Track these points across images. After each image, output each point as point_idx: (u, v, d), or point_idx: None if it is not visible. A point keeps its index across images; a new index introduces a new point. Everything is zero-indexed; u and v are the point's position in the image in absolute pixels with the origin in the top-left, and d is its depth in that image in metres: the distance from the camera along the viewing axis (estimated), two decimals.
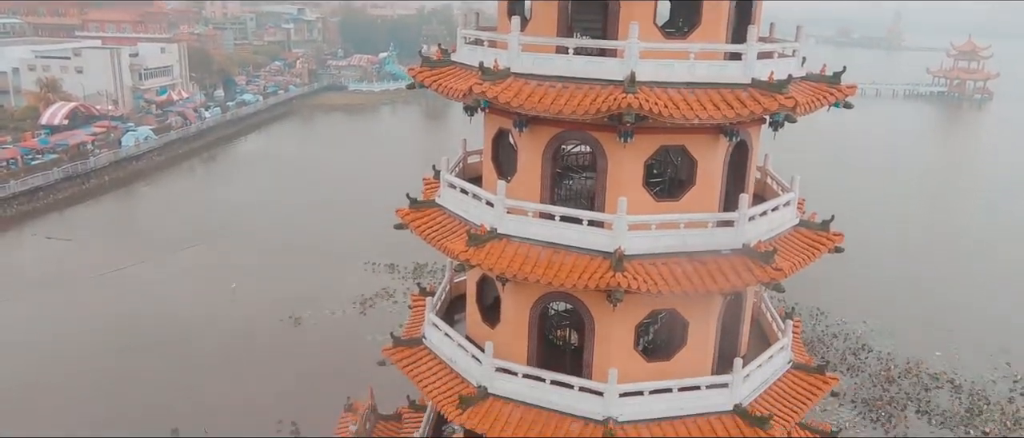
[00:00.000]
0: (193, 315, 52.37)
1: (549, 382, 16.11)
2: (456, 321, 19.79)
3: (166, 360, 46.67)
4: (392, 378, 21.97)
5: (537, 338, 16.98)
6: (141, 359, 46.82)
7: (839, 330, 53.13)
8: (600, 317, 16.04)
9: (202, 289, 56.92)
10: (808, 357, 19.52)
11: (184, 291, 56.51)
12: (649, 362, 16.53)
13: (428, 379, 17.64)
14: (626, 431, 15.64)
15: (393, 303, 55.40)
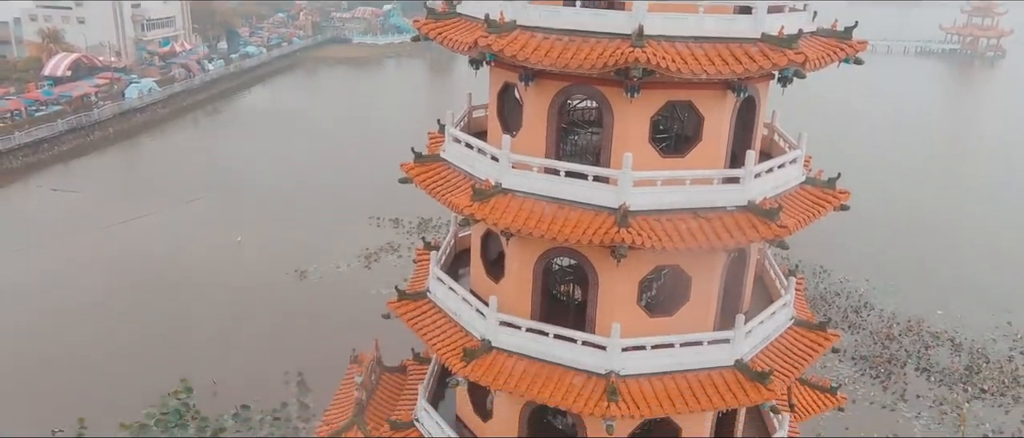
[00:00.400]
0: (199, 268, 52.78)
1: (552, 336, 16.24)
2: (460, 275, 19.91)
3: (173, 312, 47.22)
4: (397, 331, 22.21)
5: (541, 293, 17.08)
6: (149, 310, 47.37)
7: (842, 288, 53.36)
8: (604, 273, 16.09)
9: (208, 242, 57.24)
10: (810, 314, 19.64)
11: (190, 244, 56.84)
12: (652, 317, 16.64)
13: (432, 332, 17.81)
14: (628, 385, 15.82)
15: (398, 257, 55.70)
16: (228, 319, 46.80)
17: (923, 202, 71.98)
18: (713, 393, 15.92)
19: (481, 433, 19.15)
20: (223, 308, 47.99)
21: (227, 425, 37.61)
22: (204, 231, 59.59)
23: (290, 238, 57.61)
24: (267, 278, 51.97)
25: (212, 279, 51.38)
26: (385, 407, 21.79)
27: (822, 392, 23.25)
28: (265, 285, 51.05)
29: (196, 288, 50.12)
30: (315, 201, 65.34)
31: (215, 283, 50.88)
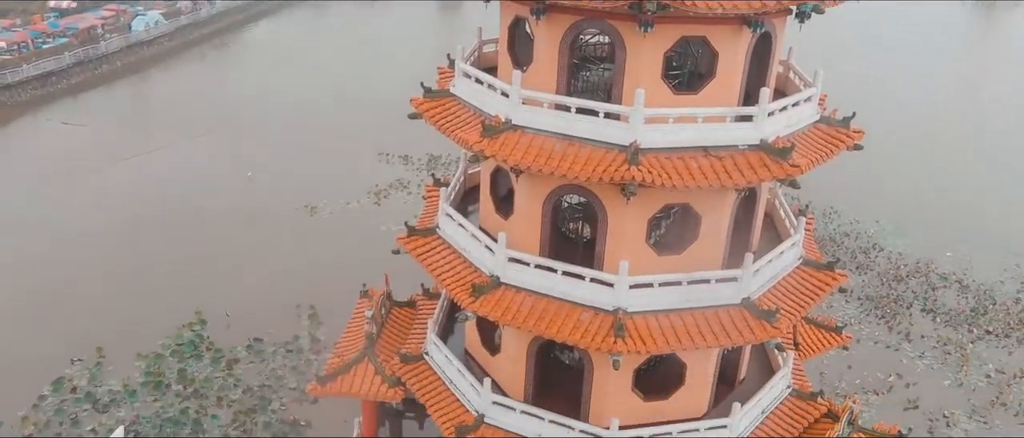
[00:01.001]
0: (210, 202, 53.10)
1: (561, 273, 16.35)
2: (470, 212, 19.96)
3: (185, 245, 47.74)
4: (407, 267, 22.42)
5: (550, 230, 17.12)
6: (161, 244, 47.92)
7: (851, 229, 53.31)
8: (613, 210, 16.08)
9: (218, 176, 57.44)
10: (818, 254, 19.65)
11: (200, 178, 57.05)
12: (660, 256, 16.69)
13: (442, 268, 17.95)
14: (635, 321, 15.99)
15: (407, 194, 55.83)
16: (240, 253, 47.33)
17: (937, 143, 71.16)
18: (719, 330, 16.08)
19: (489, 367, 19.50)
20: (234, 242, 48.48)
21: (241, 356, 38.46)
22: (214, 166, 59.72)
23: (299, 174, 57.70)
24: (277, 213, 52.30)
25: (223, 214, 51.75)
26: (395, 341, 22.16)
27: (827, 331, 23.49)
28: (276, 220, 51.42)
29: (207, 222, 50.54)
30: (324, 137, 65.18)
31: (226, 218, 51.26)
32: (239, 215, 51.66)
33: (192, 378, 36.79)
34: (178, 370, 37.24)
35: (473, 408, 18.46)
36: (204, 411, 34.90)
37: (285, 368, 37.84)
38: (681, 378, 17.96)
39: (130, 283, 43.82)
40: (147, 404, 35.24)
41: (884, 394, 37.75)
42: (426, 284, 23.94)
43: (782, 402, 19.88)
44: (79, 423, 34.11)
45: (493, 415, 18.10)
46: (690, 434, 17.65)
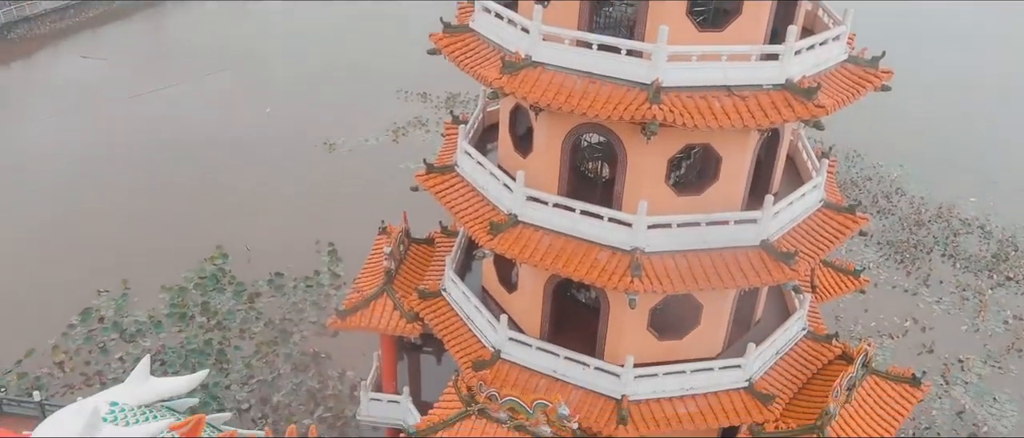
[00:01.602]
0: (230, 137, 53.24)
1: (579, 212, 16.34)
2: (488, 150, 19.89)
3: (207, 180, 48.14)
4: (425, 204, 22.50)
5: (568, 169, 17.04)
6: (183, 178, 48.35)
7: (874, 173, 52.59)
8: (632, 149, 15.95)
9: (237, 112, 57.39)
10: (840, 197, 19.45)
11: (219, 114, 57.04)
12: (680, 196, 16.60)
13: (460, 205, 18.00)
14: (652, 261, 16.02)
15: (426, 132, 55.62)
16: (259, 188, 47.68)
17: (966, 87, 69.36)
18: (737, 272, 16.08)
19: (506, 304, 19.72)
20: (255, 178, 48.79)
21: (262, 290, 39.13)
22: (233, 101, 59.61)
23: (318, 111, 57.52)
24: (296, 149, 52.39)
25: (243, 149, 51.93)
26: (413, 277, 22.42)
27: (845, 274, 23.43)
28: (295, 156, 51.56)
29: (228, 158, 50.79)
30: (342, 75, 64.65)
31: (246, 153, 51.46)
32: (258, 151, 51.83)
33: (215, 311, 37.57)
34: (202, 302, 38.02)
35: (490, 344, 18.76)
36: (227, 342, 35.73)
37: (305, 302, 38.50)
38: (697, 318, 18.08)
39: (152, 216, 44.42)
40: (172, 335, 36.13)
41: (899, 338, 37.82)
42: (444, 221, 24.06)
43: (797, 344, 20.01)
44: (107, 351, 35.11)
45: (509, 351, 18.39)
46: (704, 373, 17.84)
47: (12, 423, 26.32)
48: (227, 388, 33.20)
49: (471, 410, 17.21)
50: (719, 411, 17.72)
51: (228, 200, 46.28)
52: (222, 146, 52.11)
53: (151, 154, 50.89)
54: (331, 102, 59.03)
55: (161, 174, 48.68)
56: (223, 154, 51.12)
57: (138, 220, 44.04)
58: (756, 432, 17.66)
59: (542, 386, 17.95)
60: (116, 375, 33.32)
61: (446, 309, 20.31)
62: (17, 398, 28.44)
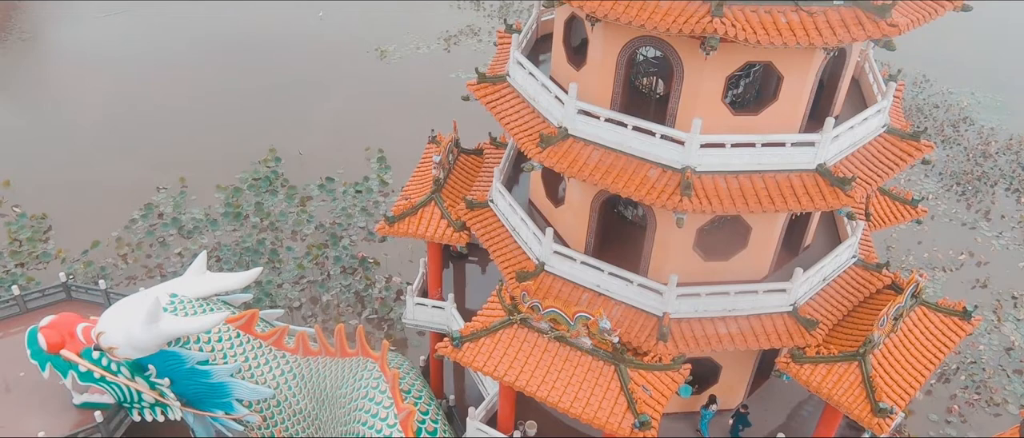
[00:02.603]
0: (283, 41, 53.29)
1: (631, 128, 16.06)
2: (541, 61, 19.54)
3: (260, 83, 48.58)
4: (475, 114, 22.41)
5: (622, 83, 16.66)
6: (237, 80, 48.86)
7: (942, 100, 50.29)
8: (691, 65, 15.47)
9: (291, 15, 57.22)
10: (905, 123, 18.69)
11: (273, 16, 56.94)
12: (736, 115, 16.15)
13: (510, 116, 17.85)
14: (703, 181, 15.77)
15: (478, 42, 54.82)
16: (311, 93, 47.99)
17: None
18: (789, 195, 15.76)
19: (552, 218, 19.78)
20: (308, 82, 49.04)
21: (313, 194, 39.94)
22: (286, 5, 59.39)
23: (370, 17, 56.98)
24: (348, 55, 52.29)
25: (297, 53, 52.04)
26: (461, 187, 22.56)
27: (902, 203, 22.80)
28: (347, 62, 51.52)
29: (282, 60, 51.02)
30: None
31: (299, 57, 51.59)
32: (311, 56, 51.89)
33: (268, 212, 38.58)
34: (255, 203, 39.05)
35: (534, 256, 18.93)
36: (280, 243, 36.82)
37: (354, 208, 39.22)
38: (744, 241, 17.90)
39: (208, 117, 45.26)
40: (227, 233, 37.34)
41: (953, 271, 36.95)
42: (494, 132, 23.98)
43: (845, 271, 19.73)
44: (167, 246, 36.55)
45: (553, 264, 18.56)
46: (748, 295, 17.78)
47: (80, 308, 27.82)
48: (279, 286, 34.41)
49: (513, 319, 17.55)
50: (761, 334, 17.74)
51: (281, 104, 46.78)
52: (276, 50, 52.26)
53: (206, 57, 51.36)
54: (383, 9, 58.34)
55: (216, 76, 49.25)
56: (277, 58, 51.34)
57: (194, 121, 44.94)
58: (797, 356, 17.68)
59: (584, 300, 18.16)
60: (175, 269, 34.79)
61: (493, 220, 20.48)
62: (85, 285, 29.96)
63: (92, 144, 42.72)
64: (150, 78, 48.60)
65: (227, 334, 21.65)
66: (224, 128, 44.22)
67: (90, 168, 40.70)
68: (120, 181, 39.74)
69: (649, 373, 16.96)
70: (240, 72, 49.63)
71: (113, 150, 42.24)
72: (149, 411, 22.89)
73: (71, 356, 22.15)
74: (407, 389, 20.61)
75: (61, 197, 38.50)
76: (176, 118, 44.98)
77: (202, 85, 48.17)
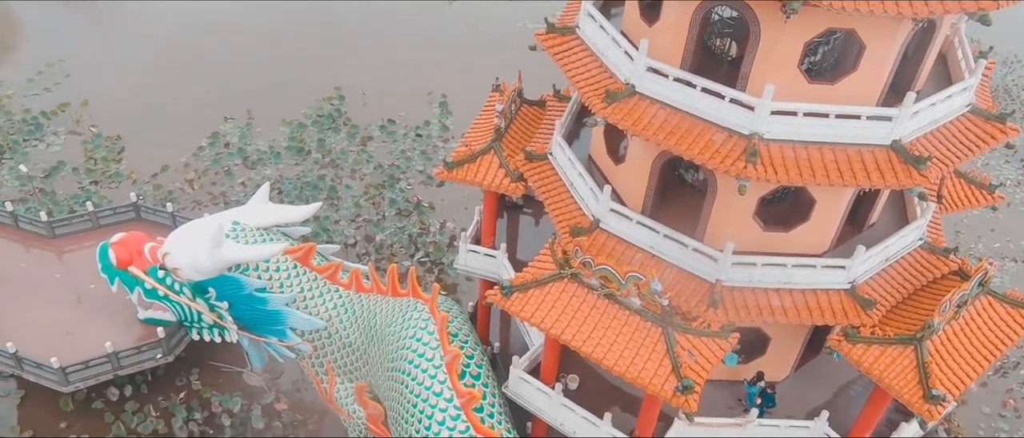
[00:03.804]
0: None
1: (700, 89, 15.66)
2: (613, 15, 19.10)
3: (326, 22, 48.92)
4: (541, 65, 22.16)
5: (695, 42, 16.18)
6: (305, 16, 49.28)
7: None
8: (768, 28, 14.91)
9: None
10: (991, 103, 17.76)
11: None
12: (811, 83, 15.56)
13: (577, 69, 17.59)
14: (770, 149, 15.35)
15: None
16: (377, 34, 48.16)
17: None
18: (859, 170, 15.23)
19: (611, 176, 19.58)
20: (374, 23, 49.20)
21: (374, 134, 40.40)
22: None
23: None
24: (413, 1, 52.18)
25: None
26: (521, 137, 22.47)
27: (978, 187, 21.86)
28: (416, 6, 51.40)
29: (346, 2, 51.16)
30: None
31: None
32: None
33: (329, 149, 39.23)
34: (318, 140, 39.73)
35: (590, 212, 18.84)
36: (339, 180, 37.50)
37: (414, 151, 39.56)
38: (807, 213, 17.44)
39: (277, 52, 45.92)
40: (289, 167, 38.18)
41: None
42: (558, 85, 23.71)
43: (910, 253, 19.11)
44: (232, 175, 37.59)
45: (608, 222, 18.44)
46: (805, 268, 17.41)
47: (148, 228, 29.01)
48: (336, 223, 35.16)
49: (564, 273, 17.57)
50: (815, 309, 17.40)
51: (349, 43, 47.11)
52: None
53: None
54: None
55: (288, 14, 49.75)
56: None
57: (265, 56, 45.66)
58: (850, 334, 17.31)
59: (637, 259, 18.04)
60: (238, 198, 35.83)
61: (550, 173, 20.39)
62: (153, 207, 31.16)
63: (167, 72, 43.90)
64: (227, 12, 49.37)
65: (285, 264, 22.29)
66: (292, 65, 44.85)
67: (164, 95, 41.91)
68: (191, 109, 40.85)
69: (696, 338, 16.85)
70: (311, 11, 50.01)
71: (186, 79, 43.34)
72: (207, 332, 23.87)
73: (138, 273, 23.14)
74: (454, 333, 20.95)
75: (135, 120, 39.85)
76: (248, 52, 45.78)
77: (275, 22, 48.80)
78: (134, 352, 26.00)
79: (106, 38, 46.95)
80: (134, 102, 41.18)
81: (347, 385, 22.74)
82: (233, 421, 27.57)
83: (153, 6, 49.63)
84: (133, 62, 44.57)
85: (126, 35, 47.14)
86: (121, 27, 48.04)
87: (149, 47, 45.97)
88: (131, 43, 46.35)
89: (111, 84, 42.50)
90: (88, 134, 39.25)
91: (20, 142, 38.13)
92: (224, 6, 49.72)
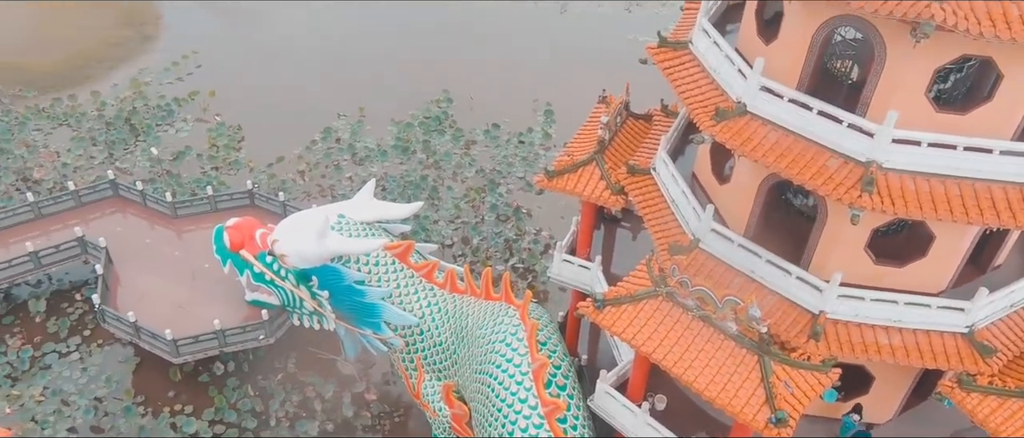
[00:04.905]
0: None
1: (816, 112, 15.08)
2: (728, 31, 18.69)
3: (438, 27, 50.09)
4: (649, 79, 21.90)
5: (814, 63, 15.61)
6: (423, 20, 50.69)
7: None
8: (895, 52, 14.20)
9: None
10: None
11: None
12: (938, 112, 14.71)
13: (687, 85, 17.31)
14: (888, 179, 14.60)
15: (661, 5, 53.36)
16: (488, 40, 48.92)
17: None
18: (988, 207, 14.27)
19: (714, 195, 19.12)
20: (484, 30, 50.01)
21: (478, 138, 41.02)
22: None
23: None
24: (526, 8, 52.67)
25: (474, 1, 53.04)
26: (625, 151, 22.28)
27: None
28: (526, 13, 51.94)
29: (465, 7, 52.24)
30: None
31: (477, 6, 52.55)
32: (492, 4, 52.72)
33: (434, 150, 40.13)
34: (423, 140, 40.72)
35: (690, 231, 18.45)
36: (441, 181, 38.29)
37: (515, 157, 39.91)
38: (924, 249, 16.47)
39: (392, 54, 47.44)
40: (395, 165, 39.29)
41: None
42: (666, 100, 23.38)
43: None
44: (340, 169, 39.05)
45: (709, 242, 18.01)
46: (918, 307, 16.42)
47: (260, 215, 30.52)
48: (435, 223, 35.89)
49: (659, 291, 17.27)
50: (927, 351, 16.38)
51: (459, 49, 48.08)
52: None
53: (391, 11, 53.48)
54: None
55: (405, 18, 51.29)
56: (458, 5, 52.59)
57: (379, 57, 47.28)
58: (966, 382, 16.20)
59: (736, 283, 17.51)
60: (345, 192, 37.16)
61: (652, 188, 20.11)
62: (266, 195, 32.75)
63: (288, 67, 46.14)
64: (346, 13, 51.42)
65: (384, 260, 22.93)
66: (405, 67, 46.21)
67: (283, 88, 44.05)
68: (307, 104, 42.73)
69: (794, 370, 16.19)
70: (426, 16, 51.39)
71: (305, 75, 45.40)
72: (307, 318, 24.85)
73: (248, 257, 24.34)
74: (543, 341, 20.96)
75: (256, 112, 42.04)
76: (363, 53, 47.54)
77: (392, 25, 50.41)
78: (239, 331, 27.37)
79: (237, 33, 49.82)
80: (256, 94, 43.48)
81: (435, 383, 23.14)
82: (324, 406, 28.55)
83: (281, 7, 52.30)
84: (258, 57, 47.09)
85: (254, 32, 49.88)
86: (251, 24, 50.85)
87: (274, 44, 48.45)
88: (258, 39, 49.00)
89: (237, 76, 45.05)
90: (213, 122, 41.71)
91: (153, 126, 40.95)
92: (345, 11, 51.84)
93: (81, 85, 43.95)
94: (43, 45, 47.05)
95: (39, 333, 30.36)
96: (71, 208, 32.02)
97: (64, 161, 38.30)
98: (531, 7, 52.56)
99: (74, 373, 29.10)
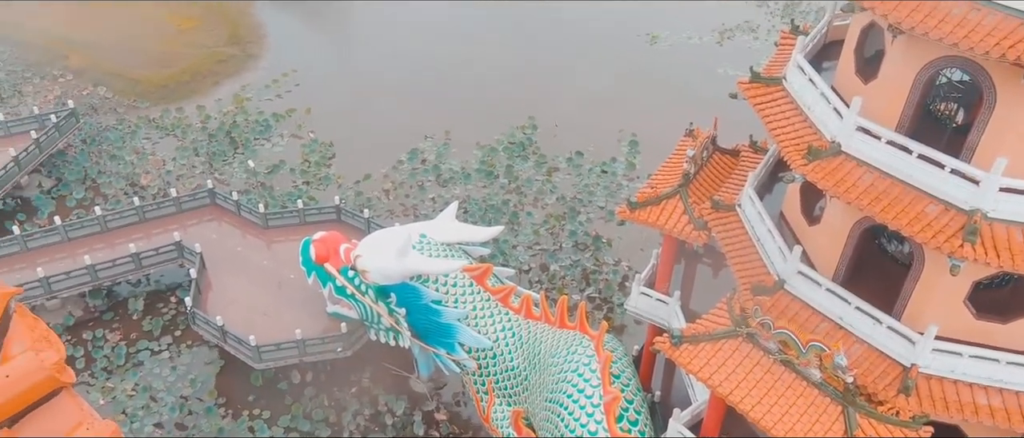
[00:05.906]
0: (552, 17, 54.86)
1: (916, 156, 14.45)
2: (824, 69, 18.20)
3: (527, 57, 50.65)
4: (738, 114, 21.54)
5: (916, 105, 15.00)
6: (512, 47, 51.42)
7: None
8: (1006, 95, 13.49)
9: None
10: None
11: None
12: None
13: (778, 122, 16.91)
14: (994, 230, 13.81)
15: (754, 39, 52.44)
16: (577, 69, 49.13)
17: None
18: None
19: (802, 236, 18.51)
20: (574, 58, 50.28)
21: (561, 166, 41.09)
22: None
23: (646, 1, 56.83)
24: (619, 37, 52.68)
25: (567, 29, 53.46)
26: (710, 186, 21.88)
27: None
28: (616, 43, 51.94)
29: (555, 36, 52.71)
30: None
31: (569, 33, 52.95)
32: (582, 34, 53.02)
33: (516, 175, 40.42)
34: (507, 165, 41.09)
35: (775, 271, 17.90)
36: (522, 207, 38.47)
37: (598, 186, 39.74)
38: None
39: (481, 79, 48.24)
40: (477, 188, 39.77)
41: None
42: (755, 136, 22.88)
43: None
44: (424, 190, 39.82)
45: (794, 284, 17.42)
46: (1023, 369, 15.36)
47: (346, 230, 31.41)
48: (514, 248, 36.04)
49: (740, 331, 16.80)
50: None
51: (548, 76, 48.47)
52: (547, 25, 54.08)
53: (491, 27, 54.42)
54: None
55: (495, 45, 52.15)
56: (547, 34, 53.12)
57: (468, 82, 48.15)
58: None
59: (821, 329, 16.84)
60: (427, 212, 37.82)
61: (737, 225, 19.65)
62: (352, 211, 33.71)
63: (379, 88, 47.58)
64: (439, 40, 52.69)
65: (462, 281, 23.18)
66: (492, 92, 46.91)
67: (374, 108, 45.41)
68: (396, 124, 43.88)
69: (881, 424, 15.39)
70: (516, 43, 52.13)
71: (395, 96, 46.69)
72: (384, 334, 25.31)
73: (332, 270, 25.05)
74: (617, 374, 20.66)
75: (348, 130, 43.45)
76: (453, 78, 48.54)
77: (481, 51, 51.36)
78: (319, 342, 28.11)
79: (335, 54, 51.81)
80: (349, 113, 44.97)
81: (505, 408, 23.11)
82: (395, 422, 28.90)
83: (381, 32, 54.10)
84: (353, 78, 48.77)
85: (351, 53, 51.76)
86: (348, 46, 52.84)
87: (369, 66, 50.10)
88: (354, 61, 50.80)
89: (332, 95, 46.76)
90: (307, 138, 43.32)
91: (251, 140, 42.89)
92: (438, 36, 53.16)
93: (188, 98, 46.57)
94: (161, 60, 50.17)
95: (135, 330, 32.03)
96: (172, 214, 33.84)
97: (168, 169, 40.55)
98: (621, 38, 52.55)
99: (164, 371, 30.51)
